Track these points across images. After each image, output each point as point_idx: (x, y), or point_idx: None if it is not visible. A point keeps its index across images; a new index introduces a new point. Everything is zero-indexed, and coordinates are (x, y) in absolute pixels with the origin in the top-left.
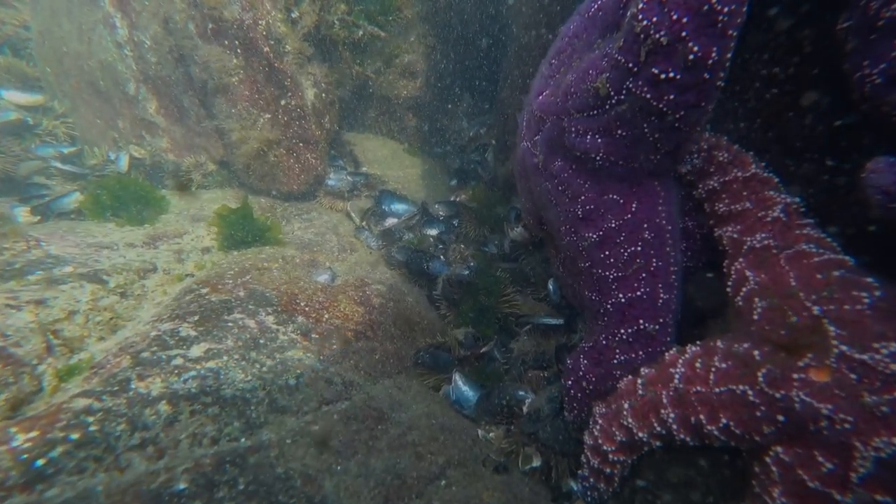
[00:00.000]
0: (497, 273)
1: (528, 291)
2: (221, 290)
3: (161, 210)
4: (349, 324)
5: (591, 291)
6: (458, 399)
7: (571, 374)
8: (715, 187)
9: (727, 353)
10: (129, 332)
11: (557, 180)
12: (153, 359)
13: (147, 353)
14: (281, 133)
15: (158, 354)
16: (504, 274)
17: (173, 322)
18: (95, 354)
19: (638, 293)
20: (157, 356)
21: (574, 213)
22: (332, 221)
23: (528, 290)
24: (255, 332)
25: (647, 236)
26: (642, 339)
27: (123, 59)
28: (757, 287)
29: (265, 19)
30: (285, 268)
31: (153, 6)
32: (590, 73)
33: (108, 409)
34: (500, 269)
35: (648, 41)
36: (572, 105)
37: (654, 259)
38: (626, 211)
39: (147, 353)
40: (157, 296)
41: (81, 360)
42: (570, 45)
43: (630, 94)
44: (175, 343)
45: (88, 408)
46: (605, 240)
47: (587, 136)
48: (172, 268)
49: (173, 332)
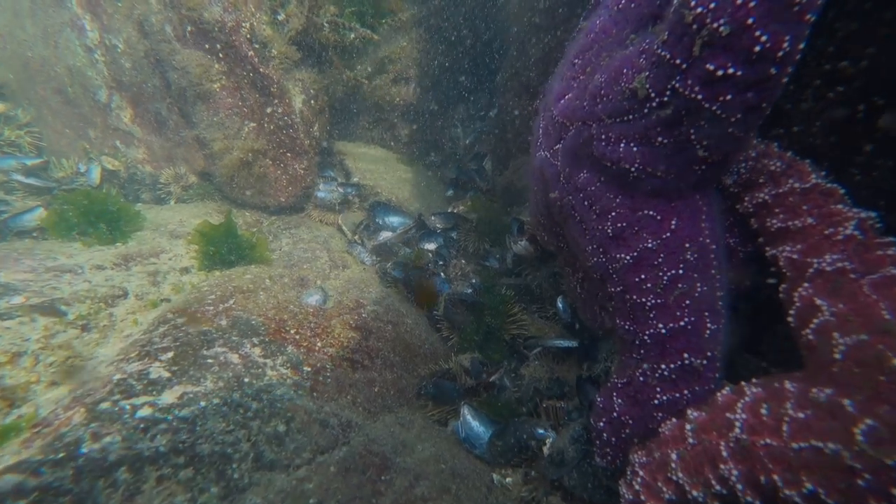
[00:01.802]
0: (502, 291)
1: (534, 309)
2: (201, 318)
3: (136, 226)
4: (345, 352)
5: (623, 320)
6: (467, 436)
7: (603, 415)
8: (766, 200)
9: (803, 400)
10: (87, 374)
11: (583, 194)
12: (113, 411)
13: (107, 403)
14: (267, 142)
15: (121, 404)
16: (509, 292)
17: (142, 361)
18: (42, 407)
19: (681, 323)
20: (120, 406)
21: (603, 231)
22: (322, 236)
23: (534, 308)
24: (238, 368)
25: (690, 257)
26: (687, 376)
27: (94, 64)
28: (834, 319)
29: (249, 22)
30: (273, 289)
31: (126, 7)
32: (624, 73)
33: (46, 487)
34: (505, 287)
35: (703, 32)
36: (602, 109)
37: (698, 283)
38: (665, 229)
39: (107, 404)
40: (126, 326)
41: (22, 417)
42: (595, 41)
43: (676, 96)
44: (143, 388)
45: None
46: (640, 262)
47: (620, 145)
48: (146, 292)
49: (142, 373)
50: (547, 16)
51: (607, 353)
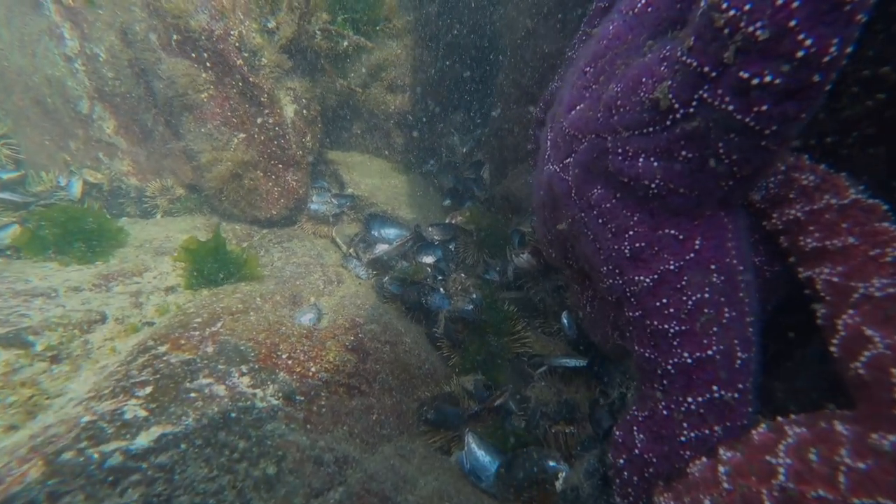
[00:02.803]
0: (504, 306)
1: (537, 324)
2: (185, 345)
3: (118, 243)
4: (340, 376)
5: (643, 347)
6: (473, 468)
7: (623, 451)
8: (798, 217)
9: (862, 447)
10: (52, 416)
11: (597, 211)
12: (78, 462)
13: (71, 452)
14: (257, 154)
15: (88, 453)
16: (511, 307)
17: (116, 399)
18: None
19: (708, 352)
20: (86, 456)
21: (619, 251)
22: (315, 249)
23: (537, 323)
24: (225, 402)
25: (716, 280)
26: (717, 411)
27: (74, 73)
28: (891, 353)
29: (238, 30)
30: (264, 309)
31: (108, 16)
32: (643, 82)
33: None
34: (507, 301)
35: (737, 36)
36: (619, 121)
37: (725, 308)
38: (688, 249)
39: (71, 454)
40: (102, 355)
41: None
42: (609, 48)
43: (703, 107)
44: (115, 431)
45: None
46: (661, 285)
47: (639, 159)
48: (127, 315)
49: (115, 414)
50: (545, 22)
51: (621, 377)
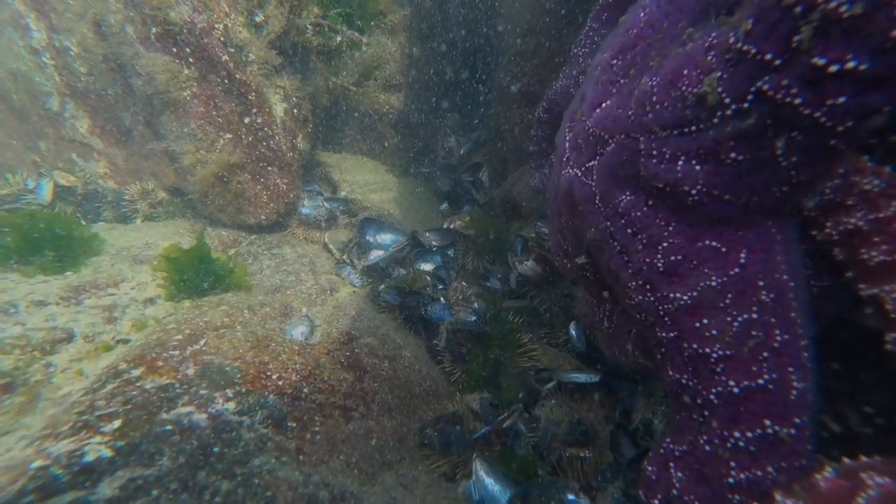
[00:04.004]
0: (509, 317)
1: (542, 334)
2: (162, 368)
3: (91, 251)
4: (336, 397)
5: (679, 372)
6: (482, 499)
7: (657, 490)
8: (859, 227)
9: None
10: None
11: (625, 220)
12: None
13: None
14: (245, 155)
15: None
16: (517, 318)
17: (77, 437)
18: None
19: (759, 381)
20: None
21: (651, 264)
22: (307, 256)
23: (542, 333)
24: (206, 434)
25: (765, 298)
26: (771, 449)
27: (42, 68)
28: None
29: (223, 23)
30: (252, 322)
31: (80, 5)
32: (684, 75)
33: None
34: (511, 311)
35: (814, 15)
36: (654, 119)
37: (776, 330)
38: (732, 263)
39: None
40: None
41: None
42: (640, 38)
43: (763, 101)
44: (72, 479)
45: None
46: (701, 303)
47: (678, 162)
48: (98, 332)
49: (73, 455)
50: (547, 18)
51: (644, 399)
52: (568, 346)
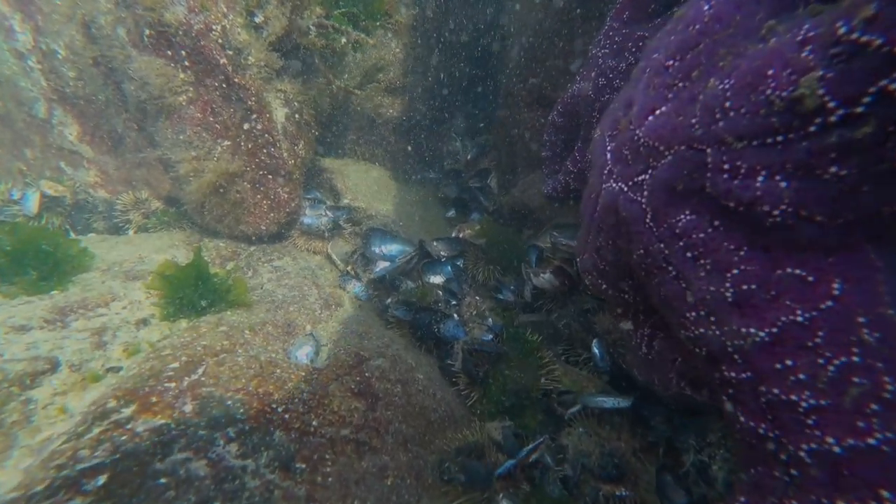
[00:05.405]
0: (527, 334)
1: (560, 350)
2: (157, 405)
3: (80, 267)
4: (347, 430)
5: (755, 420)
6: None
7: None
8: None
9: None
10: None
11: (684, 243)
12: None
13: None
14: (244, 163)
15: None
16: (535, 336)
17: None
18: None
19: (868, 440)
20: None
21: (717, 294)
22: (310, 268)
23: (560, 349)
24: (206, 486)
25: (868, 337)
26: None
27: (28, 72)
28: None
29: (220, 24)
30: (254, 344)
31: (67, 7)
32: (769, 76)
33: None
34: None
35: None
36: (727, 128)
37: (886, 378)
38: (823, 295)
39: None
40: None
41: None
42: (704, 34)
43: (885, 104)
44: None
45: None
46: (783, 341)
47: (757, 178)
48: (86, 359)
49: None
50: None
51: (697, 439)
52: (590, 364)
